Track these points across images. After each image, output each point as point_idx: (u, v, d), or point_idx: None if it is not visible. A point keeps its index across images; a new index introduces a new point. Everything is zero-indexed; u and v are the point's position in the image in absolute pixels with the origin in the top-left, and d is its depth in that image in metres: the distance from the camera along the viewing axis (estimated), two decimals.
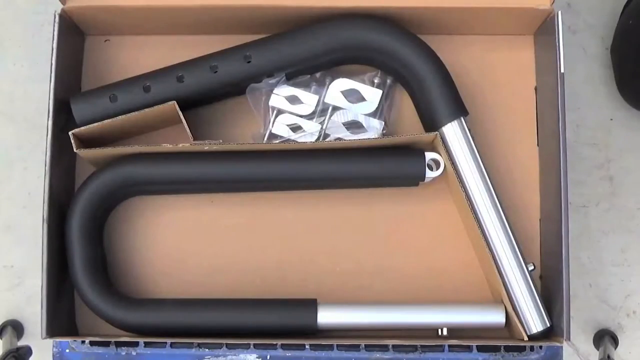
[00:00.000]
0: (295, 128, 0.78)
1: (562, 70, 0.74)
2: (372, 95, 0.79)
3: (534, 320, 0.75)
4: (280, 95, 0.78)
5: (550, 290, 0.76)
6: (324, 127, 0.79)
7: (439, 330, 0.75)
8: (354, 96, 0.79)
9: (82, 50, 0.84)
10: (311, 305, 0.75)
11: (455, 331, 0.76)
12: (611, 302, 0.93)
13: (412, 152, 0.77)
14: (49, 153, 0.75)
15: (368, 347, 0.75)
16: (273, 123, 0.78)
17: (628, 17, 0.91)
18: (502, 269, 0.76)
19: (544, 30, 0.79)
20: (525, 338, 0.73)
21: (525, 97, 0.83)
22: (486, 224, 0.76)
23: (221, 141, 0.75)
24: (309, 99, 0.78)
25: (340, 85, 0.79)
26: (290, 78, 0.78)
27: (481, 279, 0.80)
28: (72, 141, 0.74)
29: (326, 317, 0.74)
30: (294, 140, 0.78)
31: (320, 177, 0.76)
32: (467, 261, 0.80)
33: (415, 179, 0.77)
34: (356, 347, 0.75)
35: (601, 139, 0.94)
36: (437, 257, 0.80)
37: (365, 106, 0.79)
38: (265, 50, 0.76)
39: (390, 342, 0.74)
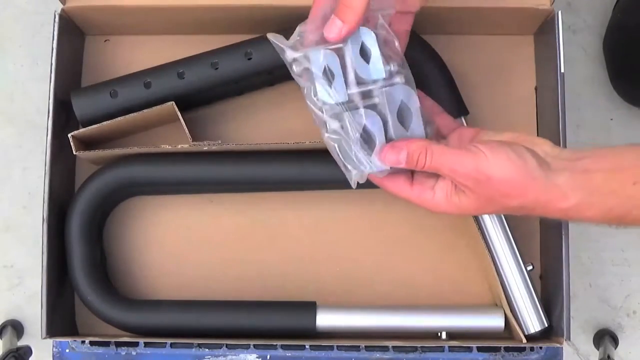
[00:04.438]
0: None
1: (562, 70, 0.74)
2: None
3: (532, 320, 0.75)
4: None
5: (550, 290, 0.76)
6: None
7: (439, 334, 0.75)
8: None
9: (82, 50, 0.84)
10: (310, 308, 0.75)
11: (455, 332, 0.76)
12: (611, 302, 0.93)
13: None
14: (49, 153, 0.75)
15: (368, 348, 0.75)
16: None
17: (618, 11, 0.91)
18: (500, 269, 0.76)
19: (544, 30, 0.79)
20: (524, 340, 0.73)
21: (525, 97, 0.83)
22: (485, 223, 0.76)
23: (220, 141, 0.75)
24: None
25: None
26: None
27: (481, 279, 0.80)
28: (72, 143, 0.74)
29: (325, 320, 0.74)
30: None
31: (320, 178, 0.76)
32: (467, 262, 0.80)
33: None
34: (356, 348, 0.75)
35: (601, 139, 0.94)
36: (437, 258, 0.80)
37: None
38: (267, 47, 0.76)
39: (390, 342, 0.74)
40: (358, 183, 0.65)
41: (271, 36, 0.65)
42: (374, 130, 0.63)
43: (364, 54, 0.64)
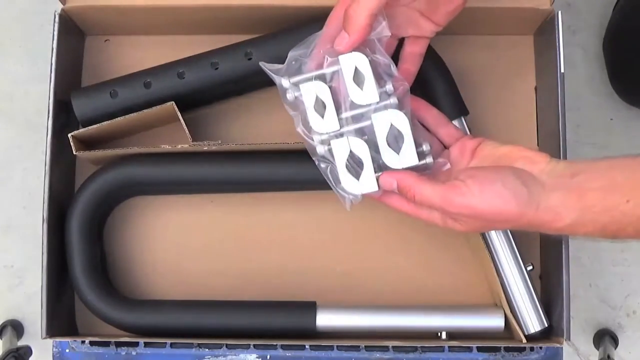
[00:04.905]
0: None
1: (562, 70, 0.74)
2: None
3: (532, 320, 0.75)
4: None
5: (550, 291, 0.76)
6: None
7: (439, 334, 0.75)
8: None
9: (82, 50, 0.84)
10: (310, 308, 0.75)
11: (455, 332, 0.76)
12: (611, 302, 0.93)
13: None
14: (49, 153, 0.75)
15: (368, 348, 0.75)
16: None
17: (618, 11, 0.91)
18: (500, 269, 0.76)
19: (544, 30, 0.79)
20: (524, 340, 0.73)
21: (525, 97, 0.83)
22: None
23: (220, 141, 0.75)
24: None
25: None
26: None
27: (481, 279, 0.80)
28: (72, 144, 0.74)
29: (325, 320, 0.74)
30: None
31: (320, 178, 0.75)
32: (467, 262, 0.80)
33: None
34: (356, 348, 0.75)
35: (601, 139, 0.94)
36: (437, 257, 0.80)
37: None
38: (266, 47, 0.76)
39: (390, 342, 0.74)
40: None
41: (264, 65, 0.68)
42: (361, 155, 0.65)
43: (358, 78, 0.66)
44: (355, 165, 0.66)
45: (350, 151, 0.66)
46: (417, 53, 0.72)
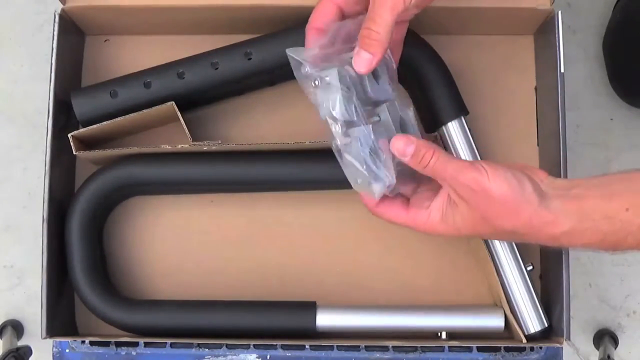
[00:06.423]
0: None
1: (562, 70, 0.74)
2: None
3: (532, 320, 0.75)
4: None
5: (550, 291, 0.76)
6: None
7: (439, 334, 0.75)
8: None
9: (82, 50, 0.84)
10: (310, 308, 0.75)
11: (455, 332, 0.76)
12: (611, 302, 0.93)
13: None
14: (49, 153, 0.75)
15: (368, 348, 0.75)
16: None
17: (618, 11, 0.91)
18: (500, 269, 0.76)
19: (544, 30, 0.79)
20: (524, 340, 0.73)
21: (525, 97, 0.83)
22: None
23: (220, 141, 0.75)
24: None
25: None
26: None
27: (481, 279, 0.80)
28: (72, 144, 0.74)
29: (325, 320, 0.74)
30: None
31: (320, 178, 0.76)
32: (467, 262, 0.80)
33: None
34: (356, 348, 0.75)
35: (601, 139, 0.94)
36: (437, 258, 0.80)
37: None
38: (266, 46, 0.76)
39: (390, 342, 0.74)
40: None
41: (290, 51, 0.67)
42: (381, 145, 0.65)
43: (374, 73, 0.66)
44: (372, 157, 0.65)
45: (372, 141, 0.65)
46: (397, 40, 0.71)
